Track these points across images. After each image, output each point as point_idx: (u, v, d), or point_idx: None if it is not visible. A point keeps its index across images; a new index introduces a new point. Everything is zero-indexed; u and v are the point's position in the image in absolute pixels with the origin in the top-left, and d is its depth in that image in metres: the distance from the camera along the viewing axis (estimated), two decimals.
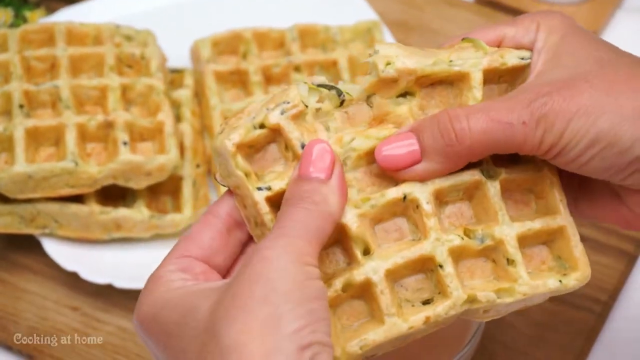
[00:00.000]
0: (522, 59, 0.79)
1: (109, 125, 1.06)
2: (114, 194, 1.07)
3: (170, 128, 1.06)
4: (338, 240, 0.76)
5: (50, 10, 1.25)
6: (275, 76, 1.13)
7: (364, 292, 0.76)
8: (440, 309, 0.76)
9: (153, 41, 1.13)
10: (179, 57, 1.17)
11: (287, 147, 0.75)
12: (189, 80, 1.14)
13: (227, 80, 1.13)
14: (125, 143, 1.04)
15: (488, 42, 0.81)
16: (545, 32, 0.79)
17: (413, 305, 0.77)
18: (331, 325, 0.72)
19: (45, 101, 1.07)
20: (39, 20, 1.21)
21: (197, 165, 1.09)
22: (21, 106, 1.06)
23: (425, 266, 0.77)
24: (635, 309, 1.05)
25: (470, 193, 0.80)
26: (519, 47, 0.80)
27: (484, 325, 0.95)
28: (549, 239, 0.80)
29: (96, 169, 1.03)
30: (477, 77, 0.78)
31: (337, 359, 0.74)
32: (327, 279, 0.75)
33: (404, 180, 0.77)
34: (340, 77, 1.13)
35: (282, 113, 0.75)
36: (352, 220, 0.75)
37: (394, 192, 0.77)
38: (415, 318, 0.75)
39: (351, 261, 0.76)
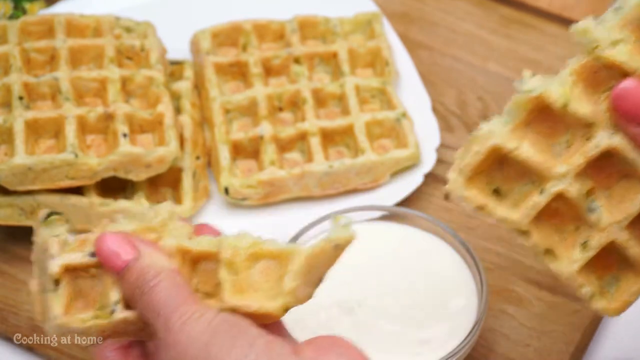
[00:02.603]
0: None
1: (108, 117, 1.05)
2: (114, 186, 1.07)
3: (170, 120, 1.06)
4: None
5: (50, 1, 1.25)
6: (275, 68, 1.13)
7: (257, 258, 0.78)
8: (500, 212, 0.78)
9: (153, 33, 1.13)
10: (178, 49, 1.17)
11: (86, 269, 0.78)
12: (188, 72, 1.14)
13: (227, 72, 1.13)
14: (125, 135, 1.04)
15: None
16: None
17: None
18: (260, 299, 0.76)
19: (44, 93, 1.07)
20: (38, 11, 1.21)
21: (197, 157, 1.09)
22: (21, 98, 1.05)
23: (535, 177, 0.77)
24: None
25: (628, 176, 0.77)
26: None
27: (484, 317, 0.95)
28: (629, 267, 0.79)
29: (96, 161, 1.03)
30: None
31: (286, 306, 0.76)
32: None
33: (624, 130, 0.74)
34: (340, 68, 1.13)
35: (54, 259, 0.77)
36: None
37: (584, 109, 0.75)
38: None
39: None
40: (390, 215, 1.03)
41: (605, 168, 0.77)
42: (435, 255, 1.00)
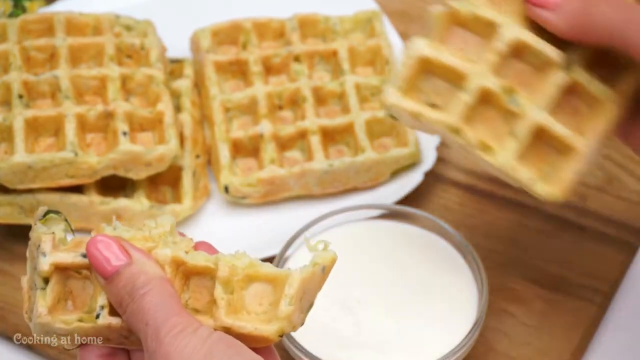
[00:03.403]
0: None
1: (108, 116, 1.05)
2: (114, 185, 1.07)
3: (170, 118, 1.06)
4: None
5: (49, 0, 1.25)
6: (275, 66, 1.13)
7: (252, 279, 0.77)
8: (433, 115, 0.86)
9: (153, 31, 1.12)
10: (178, 47, 1.16)
11: (78, 269, 0.77)
12: (188, 71, 1.14)
13: (227, 70, 1.13)
14: (124, 133, 1.04)
15: None
16: None
17: None
18: (254, 321, 0.75)
19: (44, 91, 1.07)
20: (38, 10, 1.21)
21: (197, 156, 1.09)
22: (20, 96, 1.05)
23: (458, 81, 0.87)
24: (635, 299, 1.05)
25: (542, 67, 0.86)
26: None
27: (485, 316, 0.95)
28: (562, 149, 0.87)
29: (96, 159, 1.03)
30: None
31: (282, 331, 0.75)
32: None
33: (530, 15, 0.86)
34: (340, 66, 1.12)
35: (45, 256, 0.76)
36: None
37: (489, 14, 0.86)
38: None
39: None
40: (390, 214, 1.03)
41: (519, 69, 0.87)
42: (435, 253, 1.00)
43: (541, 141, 0.86)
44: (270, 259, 1.00)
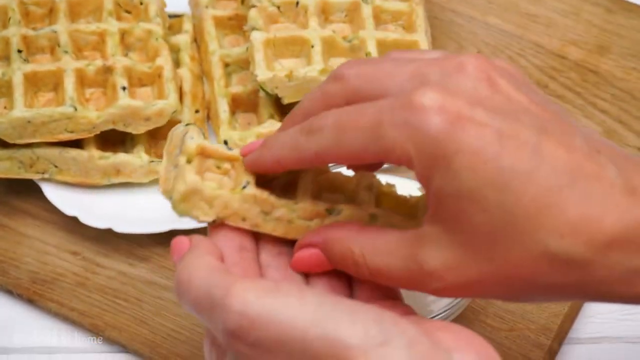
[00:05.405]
0: None
1: (107, 71, 1.05)
2: (113, 139, 1.07)
3: (169, 73, 1.06)
4: None
5: None
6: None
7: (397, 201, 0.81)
8: (301, 70, 1.02)
9: None
10: (177, 3, 1.16)
11: (218, 164, 0.79)
12: (187, 26, 1.13)
13: (226, 25, 1.13)
14: (124, 88, 1.04)
15: None
16: None
17: None
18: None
19: (43, 46, 1.07)
20: None
21: (196, 111, 1.09)
22: (19, 51, 1.05)
23: (303, 50, 1.03)
24: None
25: (351, 16, 1.04)
26: None
27: None
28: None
29: (95, 114, 1.03)
30: None
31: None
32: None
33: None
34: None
35: (192, 139, 0.79)
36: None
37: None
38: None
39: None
40: (389, 168, 1.03)
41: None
42: None
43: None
44: None
